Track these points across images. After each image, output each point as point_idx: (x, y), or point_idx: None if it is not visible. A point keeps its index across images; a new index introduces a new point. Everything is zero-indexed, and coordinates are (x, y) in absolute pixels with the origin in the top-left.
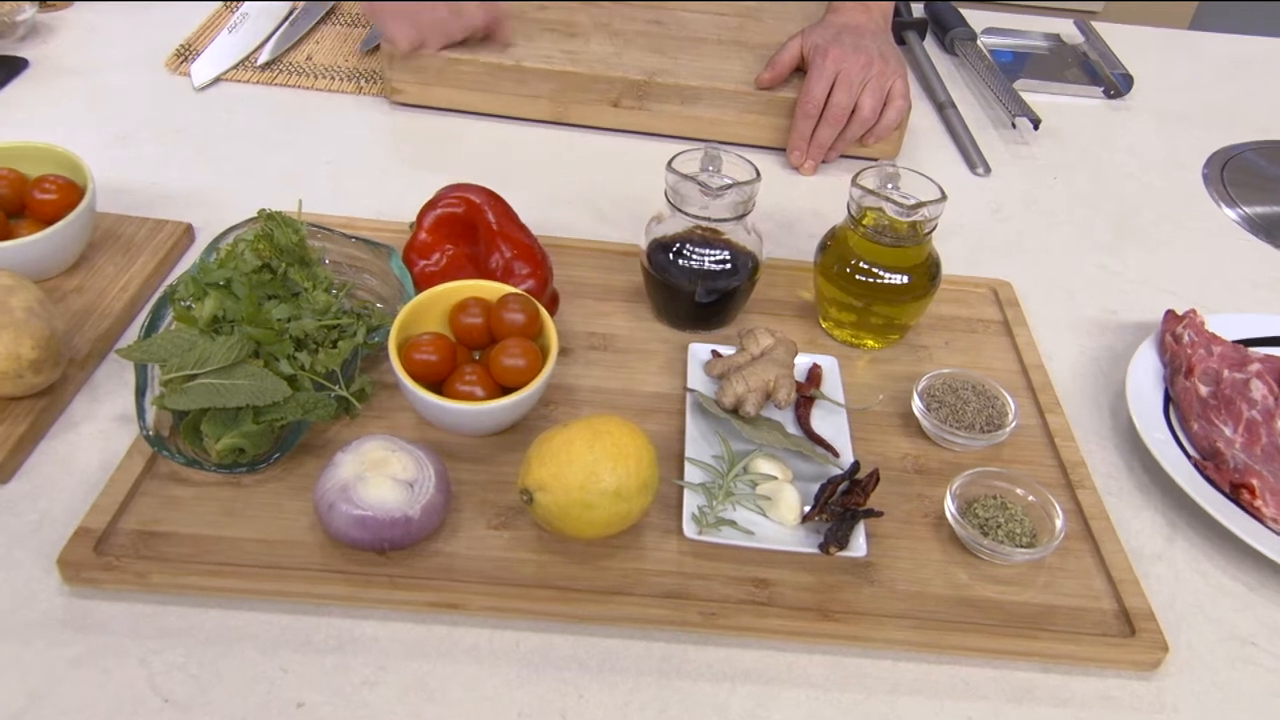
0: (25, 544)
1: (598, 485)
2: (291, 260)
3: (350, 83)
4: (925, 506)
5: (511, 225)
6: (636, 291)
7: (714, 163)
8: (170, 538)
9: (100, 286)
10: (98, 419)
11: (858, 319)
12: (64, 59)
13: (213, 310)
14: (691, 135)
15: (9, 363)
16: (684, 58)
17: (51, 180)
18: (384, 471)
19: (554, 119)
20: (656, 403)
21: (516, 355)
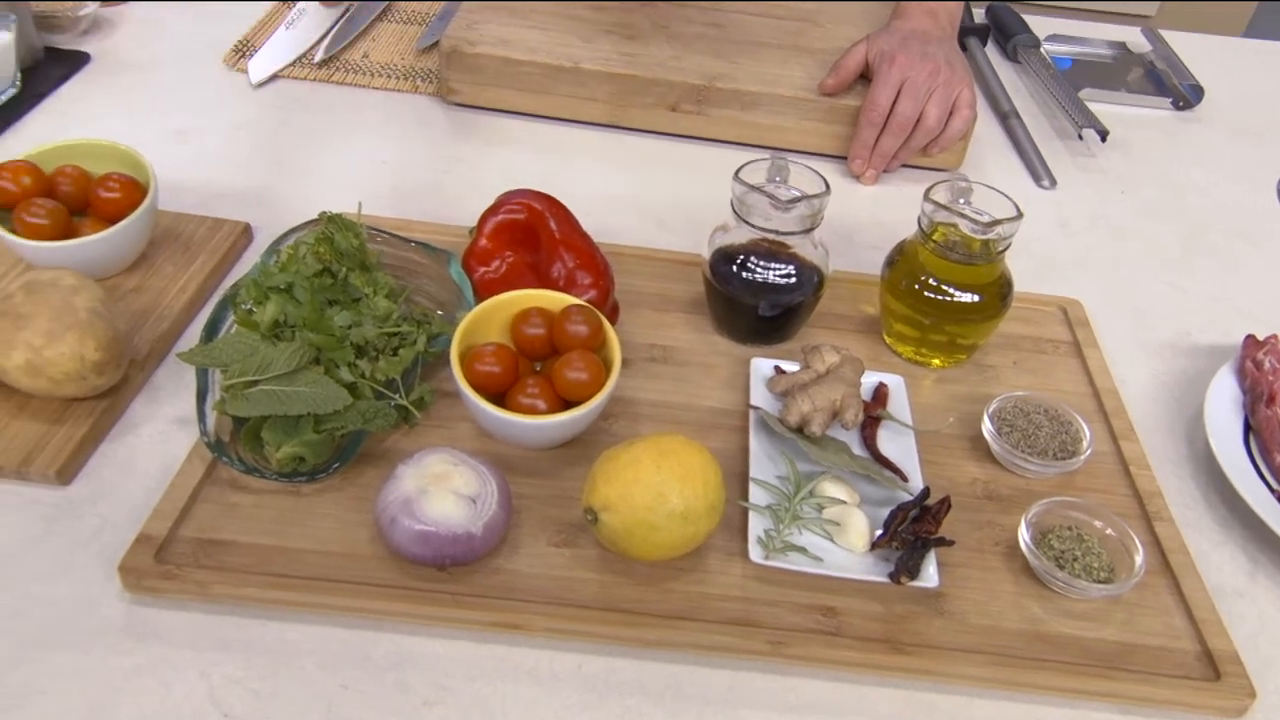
0: (86, 549)
1: (664, 507)
2: (352, 265)
3: (406, 81)
4: (996, 535)
5: (574, 233)
6: (696, 302)
7: (781, 173)
8: (230, 546)
9: (159, 286)
10: (157, 421)
11: (924, 336)
12: (124, 54)
13: (274, 315)
14: (749, 141)
15: (73, 364)
16: (744, 62)
17: (115, 179)
18: (446, 486)
19: (610, 122)
20: (718, 418)
21: (580, 369)
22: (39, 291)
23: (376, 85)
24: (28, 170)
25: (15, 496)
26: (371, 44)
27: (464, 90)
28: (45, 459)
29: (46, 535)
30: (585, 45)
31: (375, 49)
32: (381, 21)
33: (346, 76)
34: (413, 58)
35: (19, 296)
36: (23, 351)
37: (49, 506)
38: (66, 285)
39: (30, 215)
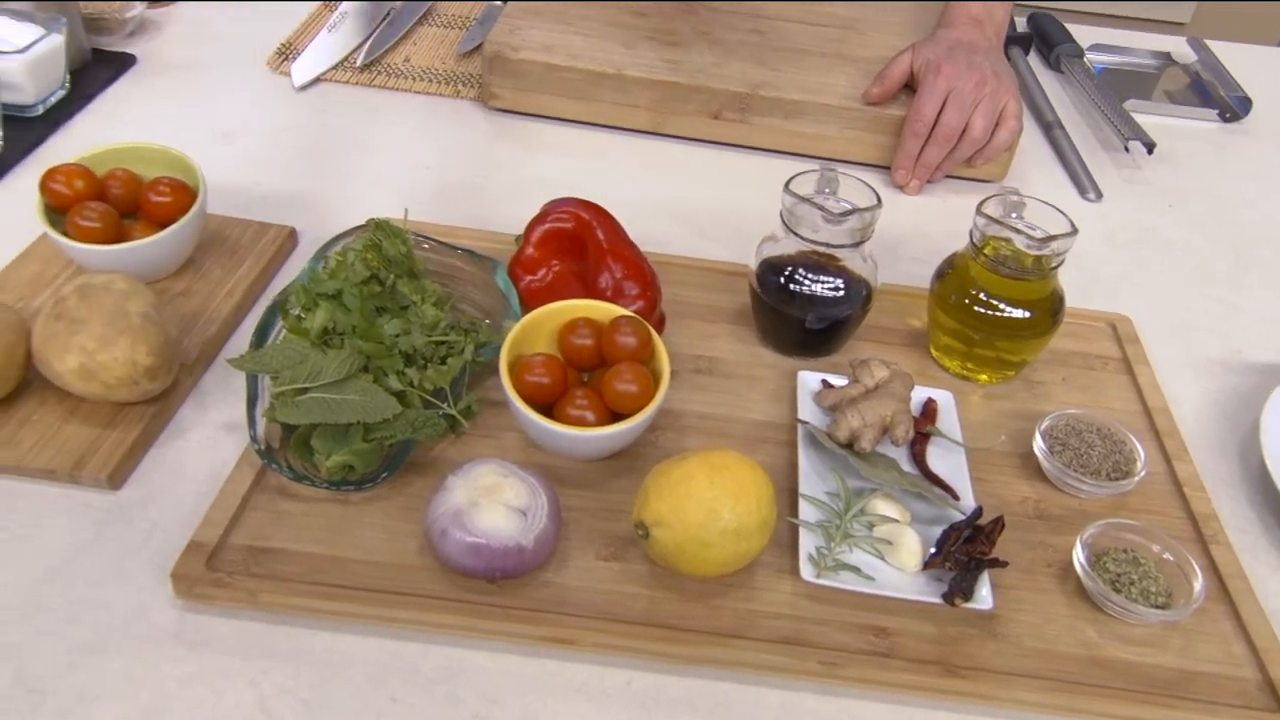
0: (137, 554)
1: (717, 523)
2: (400, 272)
3: (448, 86)
4: (1049, 556)
5: (621, 243)
6: (741, 313)
7: (830, 185)
8: (280, 555)
9: (207, 290)
10: (205, 426)
11: (973, 352)
12: (170, 55)
13: (324, 322)
14: (791, 150)
15: (126, 369)
16: (787, 70)
17: (165, 183)
18: (497, 498)
19: (651, 129)
20: (765, 432)
21: (629, 381)
22: (92, 295)
23: (418, 89)
24: (80, 174)
25: (67, 500)
26: (413, 48)
27: (506, 95)
28: (97, 463)
29: (98, 540)
30: (627, 51)
31: (416, 53)
32: (422, 25)
33: (388, 80)
34: (454, 62)
35: (72, 300)
36: (76, 356)
37: (100, 511)
38: (119, 289)
39: (83, 219)
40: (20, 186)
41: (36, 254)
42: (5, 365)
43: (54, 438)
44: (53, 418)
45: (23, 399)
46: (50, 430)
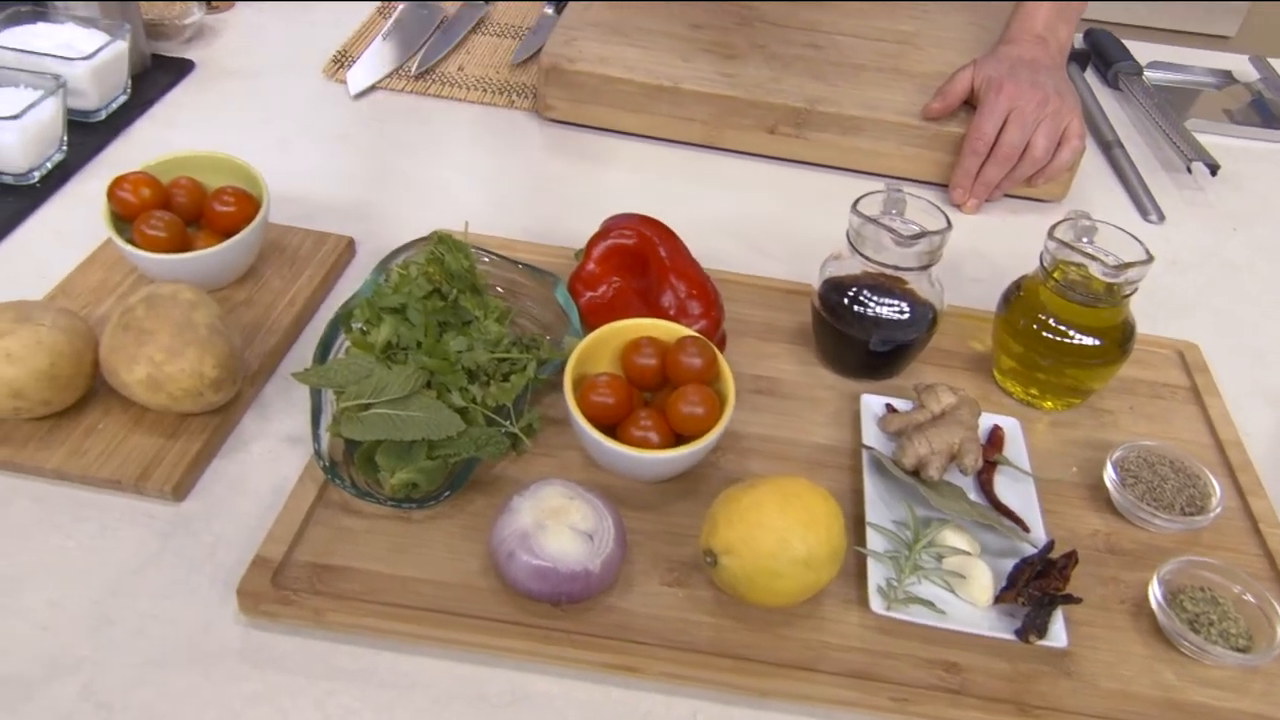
0: (201, 569)
1: (788, 553)
2: (463, 287)
3: (501, 96)
4: (1121, 592)
5: (684, 261)
6: (800, 332)
7: (897, 206)
8: (344, 572)
9: (267, 300)
10: (267, 438)
11: (1039, 378)
12: (227, 61)
13: (388, 336)
14: (848, 166)
15: (192, 381)
16: (844, 85)
17: (230, 192)
18: (563, 521)
19: (706, 143)
20: (827, 456)
21: (696, 403)
22: (159, 306)
23: (472, 99)
24: (147, 182)
25: (132, 511)
26: (466, 56)
27: (561, 107)
28: (161, 475)
29: (163, 552)
30: (684, 64)
31: (470, 61)
32: (476, 34)
33: (442, 89)
34: (507, 71)
35: (140, 310)
36: (144, 366)
37: (164, 523)
38: (185, 300)
39: (149, 228)
40: (83, 191)
41: (100, 260)
42: (74, 374)
43: (119, 447)
44: (118, 427)
45: (89, 407)
46: (116, 440)
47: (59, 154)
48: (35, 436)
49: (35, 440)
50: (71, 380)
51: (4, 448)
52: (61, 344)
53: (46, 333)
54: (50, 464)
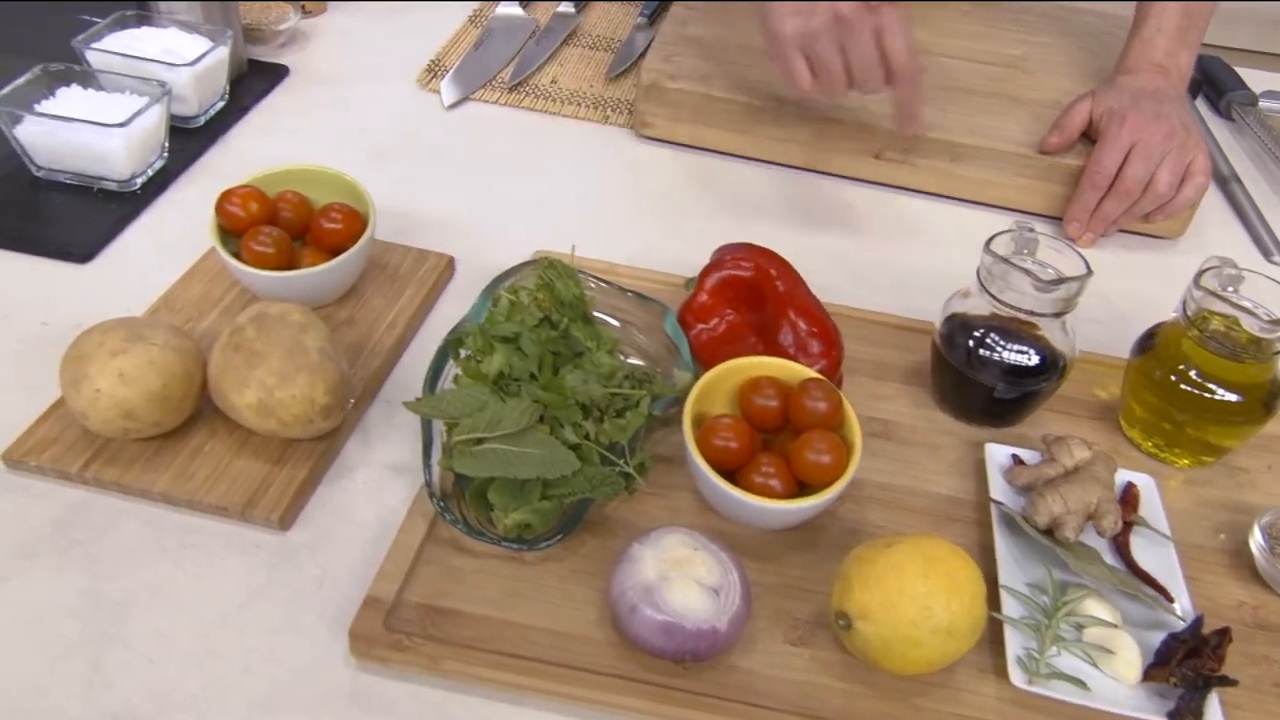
0: (308, 603)
1: (930, 621)
2: (574, 316)
3: (596, 111)
4: (1275, 673)
5: (804, 296)
6: (913, 372)
7: (1029, 246)
8: (456, 617)
9: (369, 319)
10: (371, 466)
11: (1173, 433)
12: (321, 68)
13: (500, 367)
14: (954, 195)
15: (303, 408)
16: (953, 110)
17: (337, 209)
18: (689, 573)
19: (806, 165)
20: (951, 508)
21: (823, 450)
22: (269, 327)
23: (566, 113)
24: (255, 197)
25: (239, 539)
26: (559, 68)
27: (659, 125)
28: (268, 503)
29: (269, 585)
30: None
31: (563, 74)
32: (568, 46)
33: (536, 102)
34: (601, 85)
35: (250, 331)
36: (255, 391)
37: (270, 553)
38: (295, 321)
39: (257, 244)
40: (181, 199)
41: (201, 272)
42: (184, 396)
43: (225, 472)
44: (224, 450)
45: (195, 429)
46: (221, 464)
47: (160, 160)
48: (142, 457)
49: (142, 461)
50: (181, 402)
51: (112, 468)
52: (173, 364)
53: (159, 352)
54: (158, 487)
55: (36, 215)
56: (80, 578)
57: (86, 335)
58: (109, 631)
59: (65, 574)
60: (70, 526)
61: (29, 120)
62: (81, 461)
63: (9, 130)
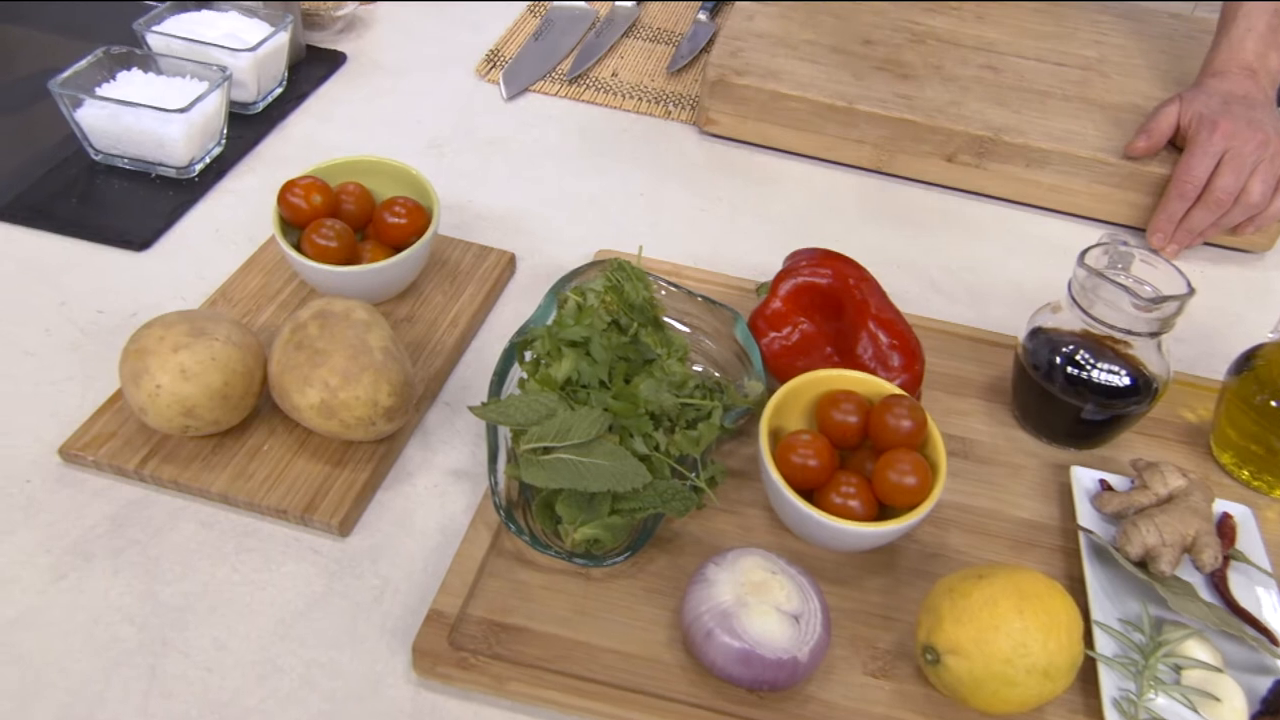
0: (369, 615)
1: (1025, 660)
2: (644, 320)
3: (658, 105)
4: None
5: (885, 307)
6: (992, 388)
7: (1123, 261)
8: (522, 634)
9: (430, 318)
10: (432, 471)
11: (1268, 459)
12: (378, 55)
13: (568, 372)
14: (1027, 201)
15: (366, 409)
16: (1029, 114)
17: (402, 204)
18: (767, 599)
19: (875, 167)
20: (1034, 534)
21: (907, 471)
22: (333, 325)
23: (627, 107)
24: (319, 188)
25: (297, 544)
26: (620, 61)
27: (723, 121)
28: (328, 507)
29: (328, 594)
30: (858, 83)
31: (624, 67)
32: (628, 38)
33: (596, 95)
34: (663, 80)
35: (313, 328)
36: (318, 391)
37: (329, 560)
38: (359, 320)
39: (321, 237)
40: (239, 187)
41: (259, 264)
42: (244, 394)
43: (284, 474)
44: (283, 450)
45: (253, 427)
46: (280, 465)
47: (218, 147)
48: (200, 456)
49: (200, 460)
50: (241, 400)
51: (170, 465)
52: (235, 361)
53: (220, 348)
54: (216, 487)
55: (94, 201)
56: (137, 580)
57: (148, 329)
58: (167, 638)
59: (121, 575)
60: (127, 525)
61: (89, 103)
62: (139, 458)
63: (70, 113)
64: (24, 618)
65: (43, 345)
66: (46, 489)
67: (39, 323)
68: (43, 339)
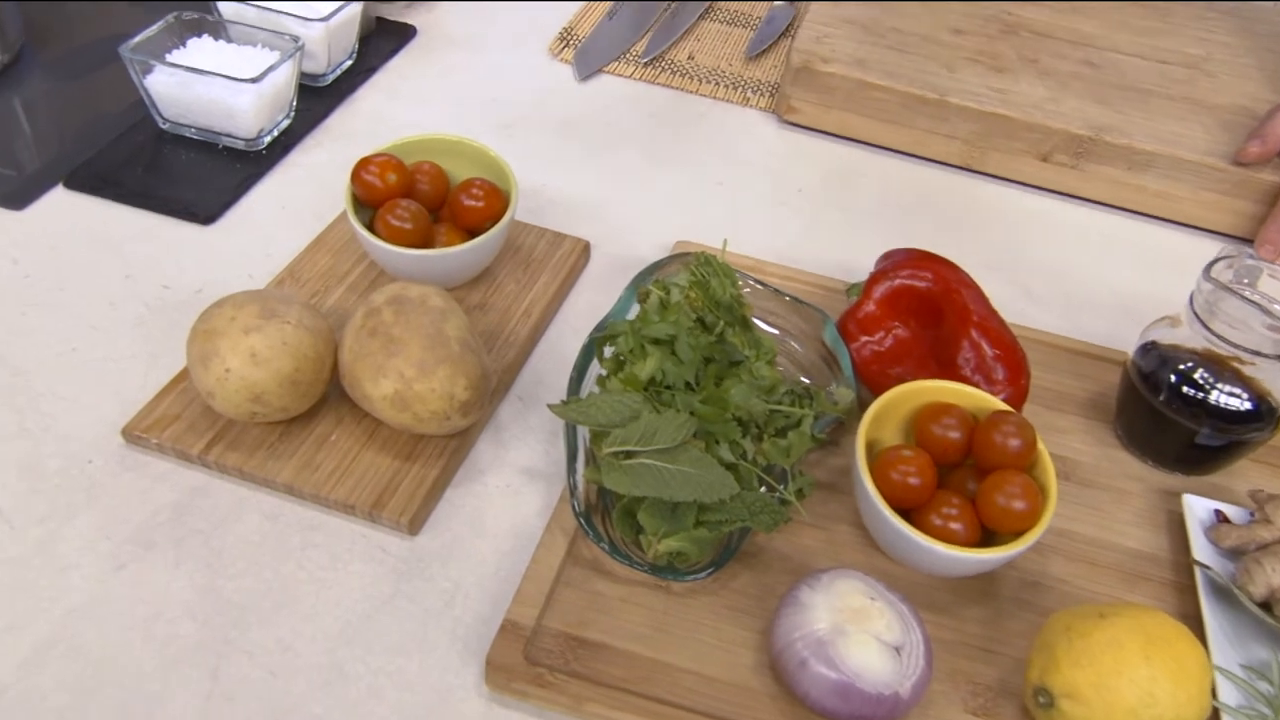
0: (439, 621)
1: (1152, 711)
2: (731, 319)
3: (735, 91)
4: None
5: (990, 316)
6: (1093, 405)
7: (1250, 275)
8: (601, 651)
9: (503, 306)
10: (503, 469)
11: None
12: (449, 30)
13: (652, 372)
14: (1127, 206)
15: (441, 403)
16: (1131, 113)
17: (480, 186)
18: (866, 627)
19: (964, 164)
20: (1141, 565)
21: (1017, 495)
22: (408, 312)
23: (704, 92)
24: (394, 167)
25: (364, 542)
26: (696, 44)
27: (805, 110)
28: (397, 504)
29: (396, 596)
30: (949, 75)
31: (700, 50)
32: (704, 20)
33: (672, 79)
34: (740, 65)
35: (387, 314)
36: (393, 381)
37: (397, 559)
38: (435, 307)
39: (396, 218)
40: (306, 161)
41: (327, 243)
42: (314, 381)
43: (352, 466)
44: (350, 441)
45: (321, 415)
46: (348, 457)
47: (286, 120)
48: (266, 443)
49: (265, 448)
50: (311, 387)
51: (235, 452)
52: (306, 346)
53: (292, 332)
54: (281, 477)
55: (161, 171)
56: (199, 573)
57: (218, 308)
58: (229, 637)
59: (183, 567)
60: (189, 514)
61: (159, 70)
62: (203, 443)
63: (140, 79)
64: (83, 608)
65: (107, 319)
66: (108, 471)
67: (104, 296)
68: (107, 313)
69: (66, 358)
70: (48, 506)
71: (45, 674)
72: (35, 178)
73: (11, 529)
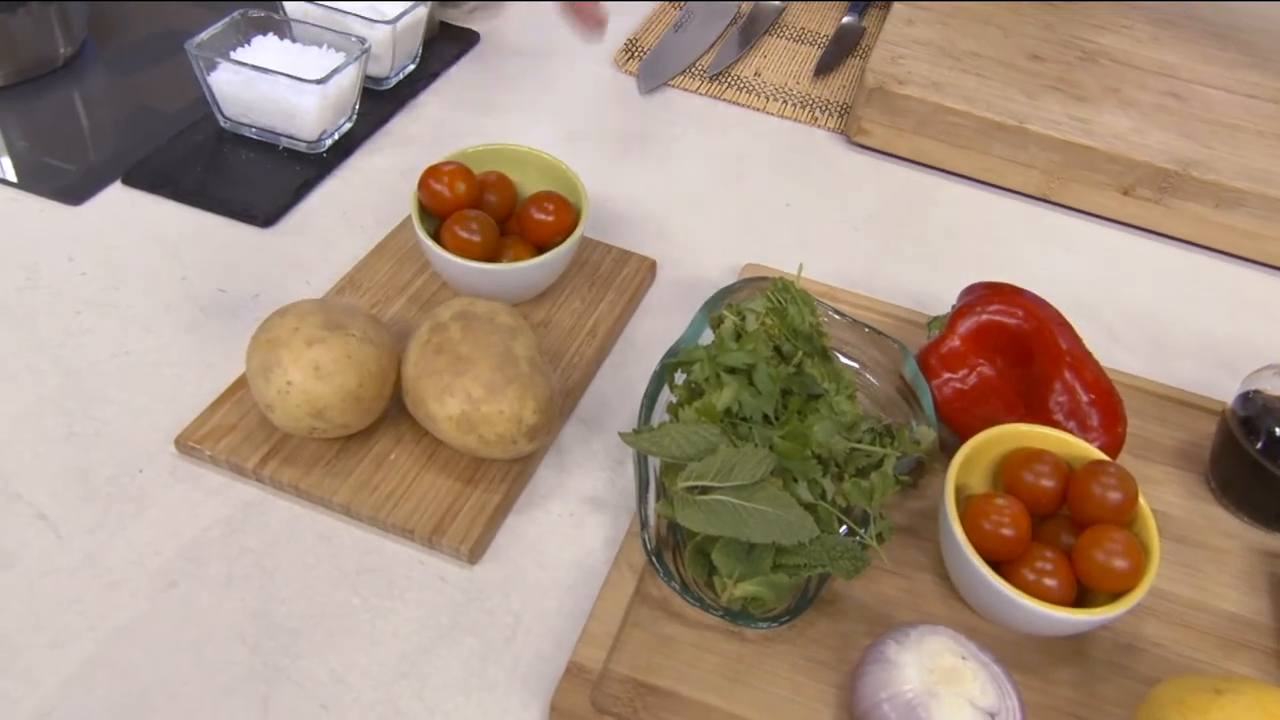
0: (498, 658)
1: None
2: (810, 350)
3: (803, 110)
4: None
5: (1085, 358)
6: (1183, 455)
7: None
8: (672, 700)
9: (567, 325)
10: (566, 497)
11: None
12: (512, 37)
13: (728, 402)
14: (1213, 245)
15: (509, 426)
16: (1219, 148)
17: (551, 200)
18: (959, 691)
19: (1042, 195)
20: (1241, 632)
21: (1118, 553)
22: (477, 329)
23: (771, 110)
24: (464, 176)
25: (421, 569)
26: (763, 60)
27: (876, 132)
28: (457, 530)
29: (454, 628)
30: (1029, 102)
31: (767, 67)
32: (770, 36)
33: (738, 95)
34: (808, 83)
35: (454, 331)
36: (460, 401)
37: (456, 590)
38: (504, 325)
39: (464, 230)
40: (367, 166)
41: (387, 251)
42: (375, 397)
43: (411, 488)
44: (410, 462)
45: (379, 432)
46: (407, 478)
47: (348, 123)
48: (323, 459)
49: (322, 465)
50: (373, 404)
51: (291, 468)
52: (370, 360)
53: (356, 345)
54: (339, 496)
55: (220, 170)
56: (251, 595)
57: (280, 318)
58: (280, 665)
59: (234, 588)
60: (242, 532)
61: (223, 68)
62: (258, 457)
63: (203, 77)
64: (132, 626)
65: (162, 322)
66: (160, 482)
67: (160, 297)
68: (162, 315)
69: (119, 360)
70: (96, 517)
71: (92, 696)
72: (93, 173)
73: (59, 538)
